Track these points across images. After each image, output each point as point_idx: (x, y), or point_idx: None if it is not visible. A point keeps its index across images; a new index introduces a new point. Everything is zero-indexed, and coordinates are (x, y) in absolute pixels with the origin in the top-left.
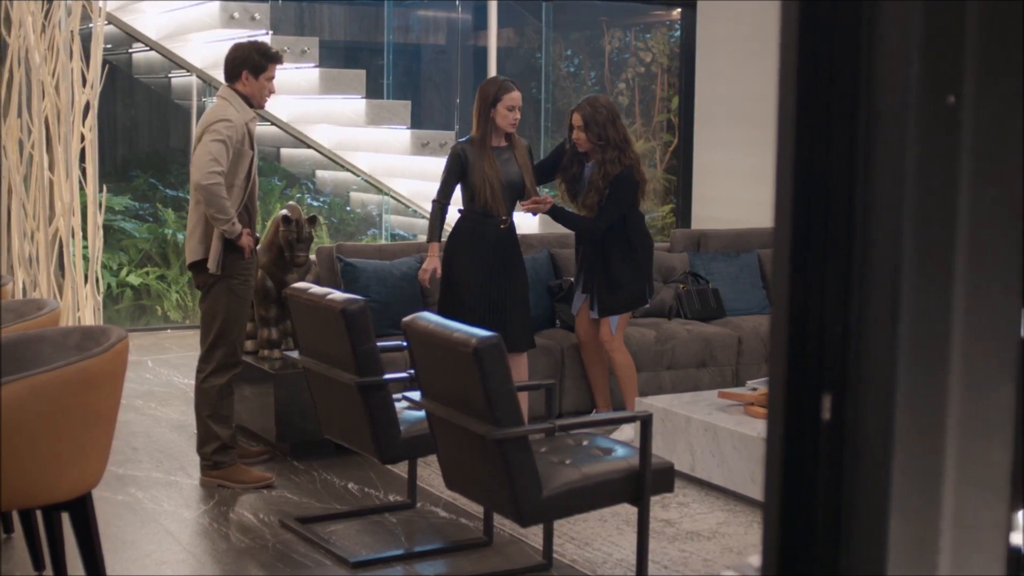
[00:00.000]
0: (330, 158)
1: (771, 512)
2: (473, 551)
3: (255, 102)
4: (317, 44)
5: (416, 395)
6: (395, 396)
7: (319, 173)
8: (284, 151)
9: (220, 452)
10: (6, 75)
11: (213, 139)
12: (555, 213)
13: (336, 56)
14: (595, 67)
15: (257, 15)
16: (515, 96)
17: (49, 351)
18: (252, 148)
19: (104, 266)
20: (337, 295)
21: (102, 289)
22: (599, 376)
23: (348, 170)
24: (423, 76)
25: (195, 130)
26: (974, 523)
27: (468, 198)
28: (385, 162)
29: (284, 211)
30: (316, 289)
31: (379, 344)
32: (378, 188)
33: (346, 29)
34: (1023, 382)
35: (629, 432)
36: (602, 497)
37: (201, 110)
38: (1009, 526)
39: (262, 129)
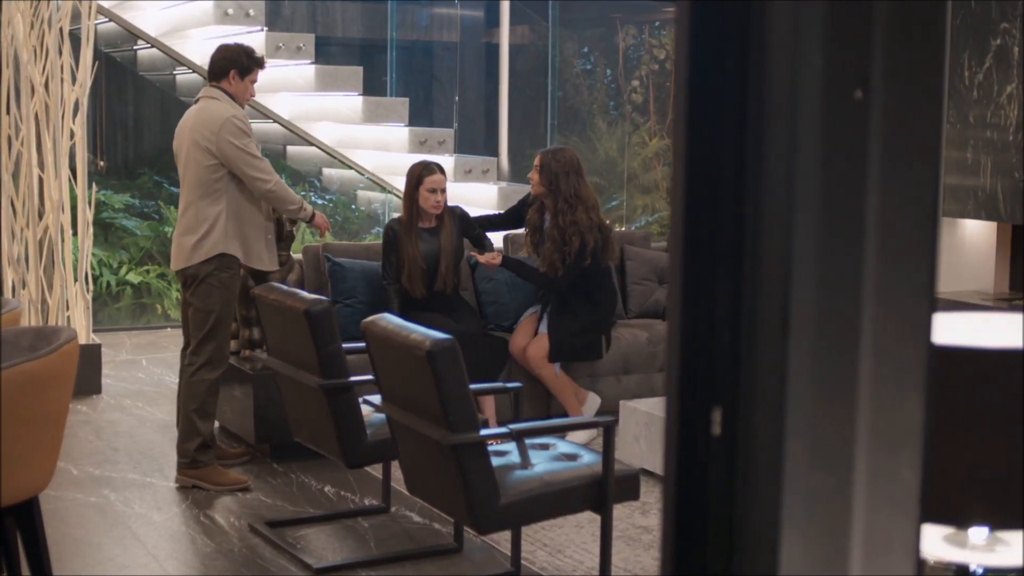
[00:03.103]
0: (333, 156)
1: (668, 533)
2: (442, 557)
3: (238, 102)
4: (313, 41)
5: (377, 398)
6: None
7: (325, 171)
8: (291, 149)
9: (201, 450)
10: None
11: (239, 140)
12: (508, 265)
13: (348, 54)
14: (610, 64)
15: (251, 11)
16: (436, 179)
17: None
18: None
19: (104, 264)
20: (302, 295)
21: (91, 288)
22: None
23: (351, 168)
24: (429, 73)
25: (188, 133)
26: (884, 543)
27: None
28: (386, 160)
29: None
30: (282, 289)
31: (352, 346)
32: (382, 186)
33: (358, 26)
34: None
35: (583, 436)
36: (564, 504)
37: None
38: (919, 544)
39: (269, 127)
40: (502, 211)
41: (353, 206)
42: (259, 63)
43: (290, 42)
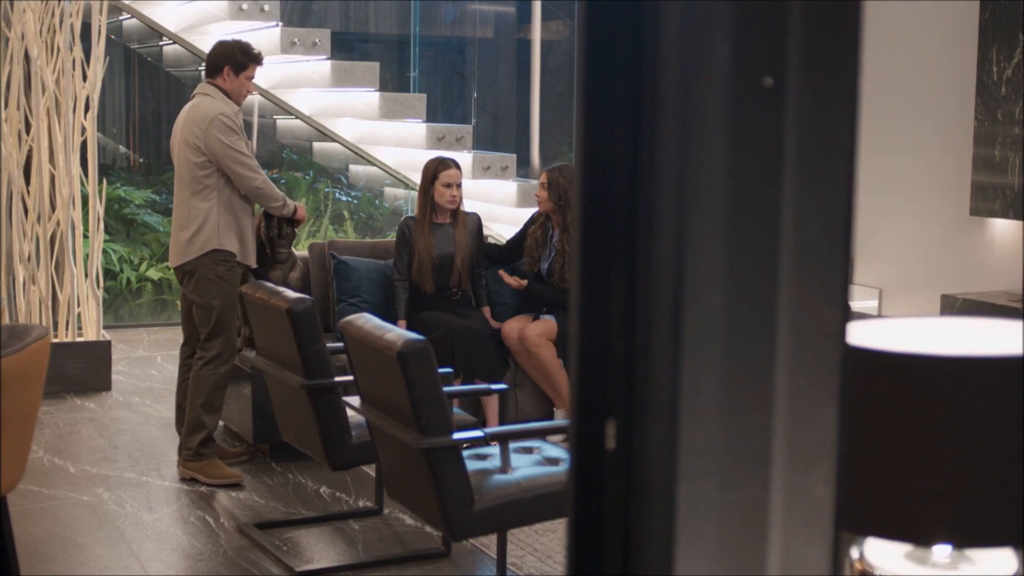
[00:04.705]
0: (355, 152)
1: (570, 548)
2: (428, 562)
3: (234, 98)
4: (328, 36)
5: (357, 400)
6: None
7: (352, 167)
8: (316, 145)
9: (205, 444)
10: (6, 68)
11: (226, 137)
12: (534, 289)
13: (382, 50)
14: None
15: (266, 7)
16: (452, 173)
17: None
18: (248, 138)
19: (125, 260)
20: (286, 294)
21: (102, 284)
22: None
23: (374, 164)
24: (455, 70)
25: (180, 130)
26: (799, 563)
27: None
28: (405, 156)
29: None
30: (267, 288)
31: (339, 346)
32: (405, 183)
33: (391, 22)
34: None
35: None
36: (542, 510)
37: None
38: (833, 565)
39: (294, 123)
40: (502, 242)
41: (378, 202)
42: (255, 59)
43: (306, 38)
